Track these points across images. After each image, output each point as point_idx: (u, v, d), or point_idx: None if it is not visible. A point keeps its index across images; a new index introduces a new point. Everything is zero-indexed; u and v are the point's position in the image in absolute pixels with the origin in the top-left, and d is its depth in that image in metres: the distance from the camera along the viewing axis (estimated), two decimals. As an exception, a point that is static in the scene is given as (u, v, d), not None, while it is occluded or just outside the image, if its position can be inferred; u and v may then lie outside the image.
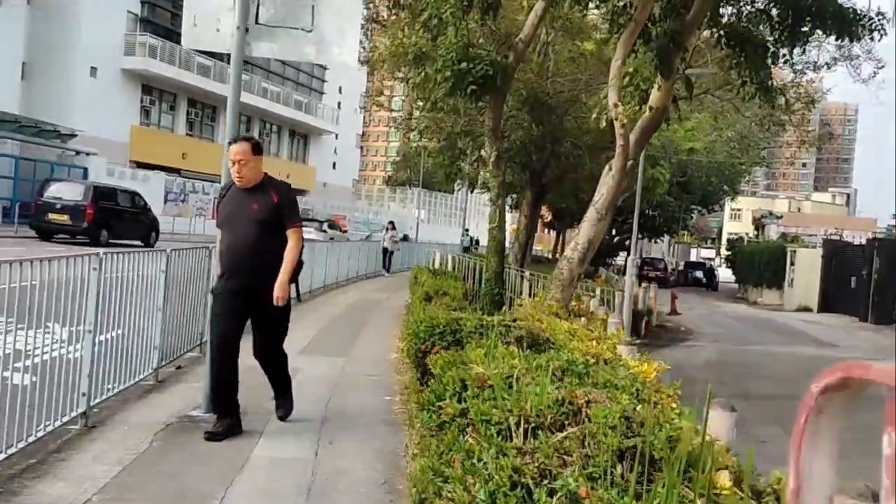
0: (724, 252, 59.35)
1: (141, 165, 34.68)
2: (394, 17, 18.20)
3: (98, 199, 19.55)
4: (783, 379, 13.03)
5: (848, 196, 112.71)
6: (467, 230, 34.09)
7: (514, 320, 5.85)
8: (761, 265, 33.88)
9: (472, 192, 36.73)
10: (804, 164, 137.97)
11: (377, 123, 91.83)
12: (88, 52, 32.67)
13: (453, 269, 14.70)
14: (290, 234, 4.57)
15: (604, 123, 10.24)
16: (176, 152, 38.34)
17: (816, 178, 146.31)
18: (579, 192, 24.23)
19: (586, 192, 23.19)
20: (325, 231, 28.57)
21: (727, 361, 13.96)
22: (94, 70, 33.56)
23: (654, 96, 9.79)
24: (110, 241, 18.39)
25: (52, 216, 19.13)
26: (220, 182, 5.24)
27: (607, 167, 9.94)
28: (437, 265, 15.17)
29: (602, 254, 31.53)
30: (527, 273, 13.93)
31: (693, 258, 65.06)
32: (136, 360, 5.54)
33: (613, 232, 34.12)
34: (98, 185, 21.03)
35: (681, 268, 52.14)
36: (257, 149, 4.63)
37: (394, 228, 24.58)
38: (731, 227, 76.05)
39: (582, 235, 9.74)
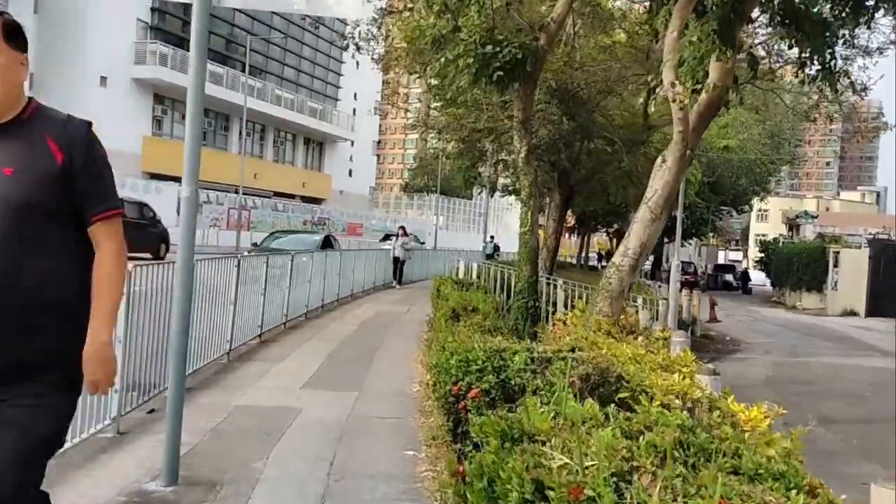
0: (754, 254, 57.47)
1: (154, 176, 33.84)
2: (408, 13, 16.99)
3: (101, 210, 18.44)
4: (856, 397, 11.57)
5: (878, 194, 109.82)
6: (493, 237, 32.43)
7: (573, 350, 4.54)
8: (800, 267, 32.11)
9: (492, 196, 35.37)
10: (828, 163, 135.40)
11: (394, 131, 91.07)
12: (98, 62, 31.94)
13: (479, 278, 13.36)
14: (101, 234, 2.00)
15: (652, 108, 8.93)
16: (189, 162, 37.42)
17: (840, 176, 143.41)
18: (608, 194, 22.82)
19: (615, 193, 21.85)
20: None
21: (788, 378, 12.50)
22: (104, 80, 32.82)
23: (715, 73, 8.40)
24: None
25: (52, 230, 18.06)
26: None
27: (660, 158, 8.54)
28: (461, 275, 13.82)
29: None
30: (560, 282, 12.57)
31: (721, 261, 63.08)
32: (87, 408, 4.32)
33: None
34: (102, 197, 19.92)
35: (710, 271, 50.38)
36: (13, 33, 2.06)
37: (405, 234, 21.26)
38: (758, 229, 74.11)
39: (633, 239, 8.35)
